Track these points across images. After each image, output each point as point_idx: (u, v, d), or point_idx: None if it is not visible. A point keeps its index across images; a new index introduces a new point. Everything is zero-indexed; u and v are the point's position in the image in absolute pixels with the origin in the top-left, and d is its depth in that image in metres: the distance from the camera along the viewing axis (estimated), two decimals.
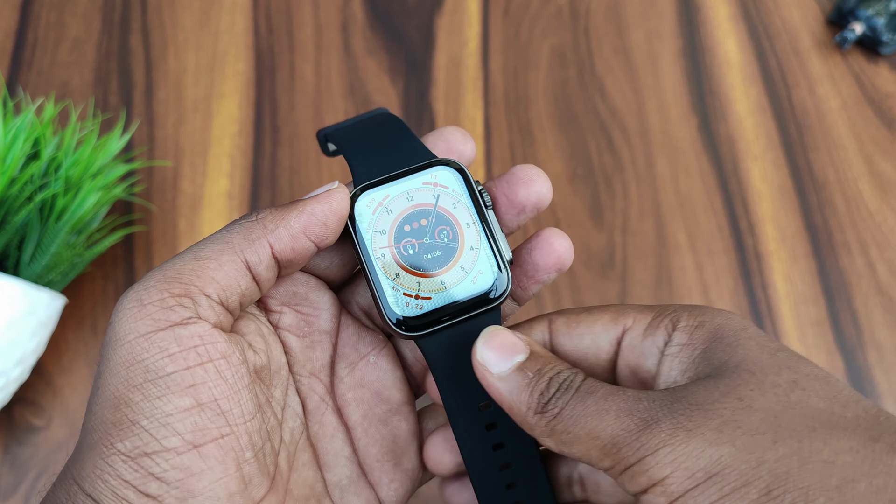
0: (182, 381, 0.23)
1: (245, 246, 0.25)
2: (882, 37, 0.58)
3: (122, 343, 0.23)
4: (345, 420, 0.28)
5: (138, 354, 0.23)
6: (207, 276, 0.24)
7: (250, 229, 0.25)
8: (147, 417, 0.22)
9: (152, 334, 0.23)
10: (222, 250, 0.24)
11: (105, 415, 0.23)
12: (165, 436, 0.22)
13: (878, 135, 0.57)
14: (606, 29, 0.62)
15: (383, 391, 0.29)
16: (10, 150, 0.46)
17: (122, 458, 0.22)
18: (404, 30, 0.62)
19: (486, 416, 0.27)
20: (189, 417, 0.23)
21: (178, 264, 0.24)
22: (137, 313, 0.23)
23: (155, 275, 0.24)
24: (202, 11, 0.63)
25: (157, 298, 0.23)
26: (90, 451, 0.23)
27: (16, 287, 0.45)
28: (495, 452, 0.28)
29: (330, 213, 0.26)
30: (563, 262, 0.28)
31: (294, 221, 0.25)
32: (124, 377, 0.23)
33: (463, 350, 0.27)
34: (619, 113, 0.59)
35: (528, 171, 0.28)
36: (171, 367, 0.23)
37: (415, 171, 0.28)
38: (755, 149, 0.57)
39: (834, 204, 0.55)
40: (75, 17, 0.63)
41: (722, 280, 0.53)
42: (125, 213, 0.56)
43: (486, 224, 0.28)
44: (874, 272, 0.53)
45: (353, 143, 0.29)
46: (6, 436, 0.49)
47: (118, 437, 0.22)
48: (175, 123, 0.59)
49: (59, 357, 0.52)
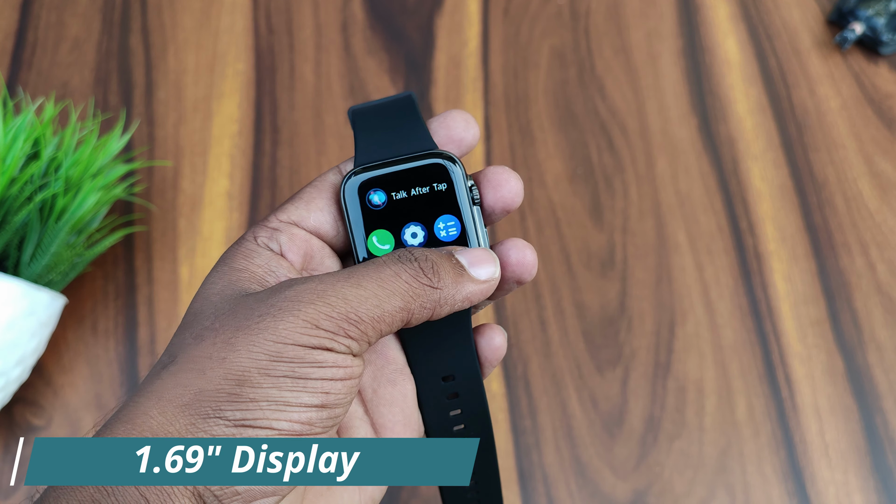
0: (320, 388, 0.24)
1: (417, 311, 0.26)
2: (882, 37, 0.58)
3: (277, 341, 0.24)
4: None
5: (290, 358, 0.24)
6: (379, 330, 0.25)
7: (429, 296, 0.26)
8: (268, 401, 0.23)
9: (313, 350, 0.24)
10: (402, 309, 0.26)
11: (223, 386, 0.23)
12: (278, 419, 0.23)
13: (878, 135, 0.57)
14: (606, 29, 0.62)
15: (387, 352, 0.30)
16: (10, 150, 0.46)
17: (225, 423, 0.23)
18: (404, 30, 0.62)
19: (449, 388, 0.30)
20: (307, 413, 0.24)
21: (363, 306, 0.25)
22: (308, 330, 0.24)
23: (339, 305, 0.25)
24: (202, 11, 0.63)
25: (332, 331, 0.24)
26: (187, 408, 0.23)
27: (16, 287, 0.45)
28: (452, 416, 0.30)
29: (482, 297, 0.27)
30: (522, 275, 0.29)
31: (459, 304, 0.27)
32: (263, 366, 0.24)
33: (433, 331, 0.29)
34: (619, 113, 0.59)
35: (498, 175, 0.29)
36: (316, 375, 0.24)
37: (411, 160, 0.29)
38: (755, 149, 0.57)
39: (834, 204, 0.55)
40: (75, 17, 0.63)
41: (722, 280, 0.53)
42: (125, 213, 0.56)
43: (471, 218, 0.29)
44: (874, 272, 0.53)
45: (365, 124, 0.30)
46: (6, 436, 0.49)
47: (230, 407, 0.23)
48: (175, 123, 0.59)
49: (59, 357, 0.52)
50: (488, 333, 0.30)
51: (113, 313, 0.53)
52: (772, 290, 0.53)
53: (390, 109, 0.30)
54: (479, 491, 0.32)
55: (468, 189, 0.29)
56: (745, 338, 0.51)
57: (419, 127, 0.29)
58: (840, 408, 0.50)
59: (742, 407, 0.50)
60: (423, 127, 0.29)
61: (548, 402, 0.50)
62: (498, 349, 0.30)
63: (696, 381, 0.50)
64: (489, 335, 0.30)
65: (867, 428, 0.49)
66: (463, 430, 0.30)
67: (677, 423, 0.49)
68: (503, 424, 0.50)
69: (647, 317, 0.52)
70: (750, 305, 0.52)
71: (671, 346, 0.51)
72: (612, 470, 0.48)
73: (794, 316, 0.52)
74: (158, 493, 0.23)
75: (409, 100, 0.30)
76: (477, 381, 0.30)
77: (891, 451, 0.48)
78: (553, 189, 0.56)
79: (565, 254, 0.54)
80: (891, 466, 0.48)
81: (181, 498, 0.23)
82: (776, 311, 0.52)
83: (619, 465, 0.49)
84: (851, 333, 0.51)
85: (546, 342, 0.52)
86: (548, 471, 0.48)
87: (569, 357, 0.51)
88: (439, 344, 0.29)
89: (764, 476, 0.48)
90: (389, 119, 0.30)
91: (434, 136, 0.29)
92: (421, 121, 0.29)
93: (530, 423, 0.50)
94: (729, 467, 0.48)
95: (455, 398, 0.30)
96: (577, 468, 0.48)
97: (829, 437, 0.49)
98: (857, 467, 0.48)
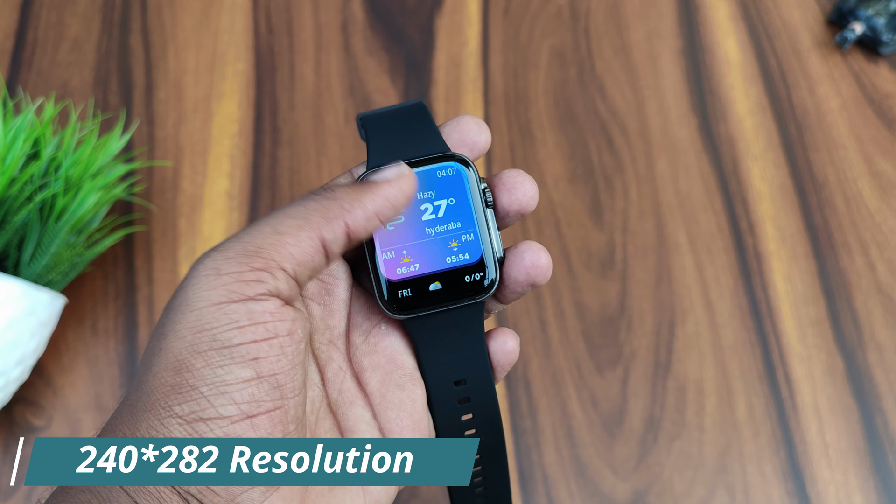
0: (247, 354, 0.24)
1: (323, 224, 0.25)
2: (882, 37, 0.58)
3: (192, 309, 0.24)
4: (363, 386, 0.29)
5: (208, 323, 0.23)
6: (286, 252, 0.25)
7: (328, 207, 0.26)
8: (207, 385, 0.23)
9: (225, 305, 0.24)
10: (301, 227, 0.25)
11: (165, 377, 0.23)
12: (223, 404, 0.23)
13: (878, 135, 0.57)
14: (606, 29, 0.62)
15: (397, 356, 0.29)
16: (10, 150, 0.46)
17: (179, 422, 0.23)
18: (404, 30, 0.62)
19: (460, 392, 0.29)
20: (247, 388, 0.23)
21: (257, 237, 0.25)
22: (213, 282, 0.24)
23: (234, 245, 0.25)
24: (202, 11, 0.63)
25: (235, 270, 0.24)
26: (146, 411, 0.23)
27: (16, 287, 0.45)
28: (463, 421, 0.30)
29: (402, 197, 0.27)
30: (536, 278, 0.29)
31: (369, 203, 0.26)
32: (190, 342, 0.23)
33: (446, 335, 0.29)
34: (619, 113, 0.59)
35: (513, 178, 0.29)
36: (238, 339, 0.23)
37: (425, 163, 0.29)
38: (755, 149, 0.57)
39: (834, 204, 0.55)
40: (75, 17, 0.63)
41: (722, 280, 0.53)
42: (125, 213, 0.56)
43: (485, 220, 0.29)
44: (874, 272, 0.53)
45: (377, 130, 0.30)
46: (6, 436, 0.49)
47: (176, 401, 0.23)
48: (175, 123, 0.59)
49: (59, 357, 0.52)
50: (501, 337, 0.30)
51: (113, 313, 0.53)
52: (772, 290, 0.53)
53: (402, 115, 0.30)
54: (488, 496, 0.31)
55: (481, 192, 0.29)
56: (745, 338, 0.51)
57: (432, 131, 0.29)
58: (840, 408, 0.50)
59: (742, 407, 0.50)
60: (435, 131, 0.29)
61: (548, 402, 0.50)
62: (510, 353, 0.30)
63: (696, 381, 0.50)
64: (502, 339, 0.30)
65: (867, 428, 0.49)
66: (474, 435, 0.30)
67: (677, 423, 0.49)
68: (503, 425, 0.50)
69: (647, 317, 0.52)
70: (750, 305, 0.52)
71: (671, 346, 0.51)
72: (612, 470, 0.48)
73: (794, 316, 0.52)
74: (147, 494, 0.23)
75: (420, 106, 0.30)
76: (489, 385, 0.29)
77: (891, 451, 0.48)
78: (553, 189, 0.56)
79: (565, 254, 0.54)
80: (891, 466, 0.48)
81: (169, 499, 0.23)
82: (776, 311, 0.52)
83: (619, 465, 0.49)
84: (851, 333, 0.51)
85: (546, 342, 0.52)
86: (548, 471, 0.48)
87: (569, 357, 0.51)
88: (452, 348, 0.29)
89: (764, 476, 0.48)
90: (402, 124, 0.30)
91: (446, 139, 0.29)
92: (434, 125, 0.29)
93: (530, 423, 0.50)
94: (729, 467, 0.48)
95: (466, 403, 0.29)
96: (577, 468, 0.48)
97: (829, 437, 0.49)
98: (857, 467, 0.48)
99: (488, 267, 0.29)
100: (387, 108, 0.31)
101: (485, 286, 0.29)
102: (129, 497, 0.23)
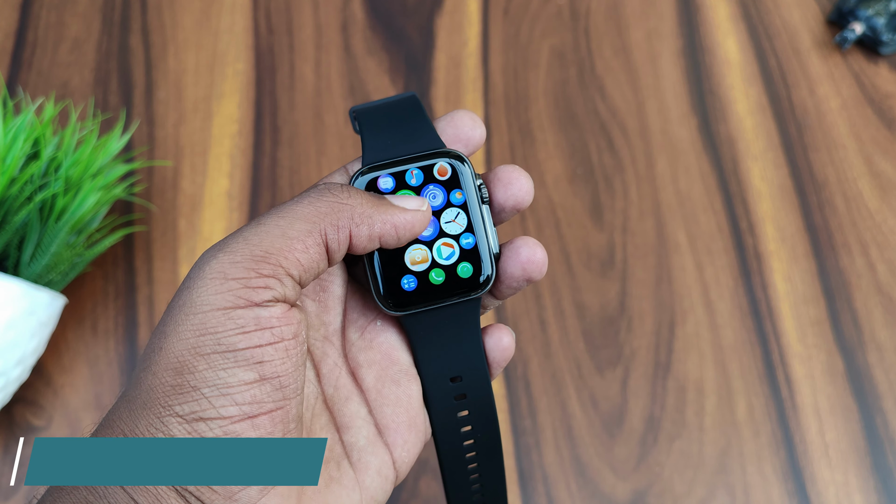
0: (251, 357, 0.23)
1: (331, 231, 0.25)
2: (882, 37, 0.58)
3: (196, 312, 0.24)
4: (359, 382, 0.29)
5: (213, 327, 0.23)
6: (293, 258, 0.25)
7: (339, 213, 0.26)
8: (209, 386, 0.23)
9: (231, 310, 0.23)
10: (310, 232, 0.25)
11: (166, 378, 0.23)
12: (224, 405, 0.23)
13: (878, 135, 0.57)
14: (606, 29, 0.62)
15: (392, 352, 0.29)
16: (10, 150, 0.46)
17: (178, 420, 0.23)
18: (404, 30, 0.62)
19: (456, 388, 0.29)
20: (249, 390, 0.23)
21: (265, 239, 0.25)
22: (219, 286, 0.24)
23: (241, 248, 0.24)
24: (202, 11, 0.63)
25: (243, 276, 0.24)
26: (145, 409, 0.23)
27: (16, 287, 0.45)
28: (459, 417, 0.30)
29: (409, 230, 0.27)
30: (532, 273, 0.29)
31: (378, 225, 0.26)
32: (192, 345, 0.23)
33: (442, 331, 0.29)
34: (619, 113, 0.59)
35: (508, 173, 0.29)
36: (243, 344, 0.23)
37: (420, 159, 0.29)
38: (755, 149, 0.57)
39: (834, 204, 0.55)
40: (75, 17, 0.63)
41: (722, 280, 0.53)
42: (125, 213, 0.56)
43: (480, 216, 0.29)
44: (874, 272, 0.53)
45: (371, 123, 0.30)
46: (6, 436, 0.49)
47: (177, 401, 0.23)
48: (175, 123, 0.59)
49: (59, 357, 0.52)
50: (497, 334, 0.30)
51: (113, 313, 0.53)
52: (772, 290, 0.53)
53: (396, 109, 0.30)
54: (485, 493, 0.32)
55: (477, 187, 0.29)
56: (745, 338, 0.51)
57: (426, 126, 0.29)
58: (840, 408, 0.50)
59: (742, 407, 0.50)
60: (429, 126, 0.29)
61: (548, 402, 0.50)
62: (506, 349, 0.30)
63: (696, 381, 0.50)
64: (497, 335, 0.30)
65: (867, 428, 0.49)
66: (470, 432, 0.30)
67: (677, 423, 0.49)
68: (503, 424, 0.50)
69: (647, 317, 0.52)
70: (750, 305, 0.52)
71: (671, 345, 0.51)
72: (612, 470, 0.48)
73: (794, 316, 0.52)
74: (146, 493, 0.23)
75: (413, 99, 0.30)
76: (485, 382, 0.29)
77: (891, 451, 0.48)
78: (553, 189, 0.56)
79: (565, 254, 0.54)
80: (891, 466, 0.48)
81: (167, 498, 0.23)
82: (776, 311, 0.52)
83: (619, 465, 0.49)
84: (851, 333, 0.51)
85: (546, 342, 0.52)
86: (548, 471, 0.48)
87: (569, 357, 0.51)
88: (448, 344, 0.29)
89: (764, 476, 0.48)
90: (396, 118, 0.30)
91: (441, 135, 0.29)
92: (428, 120, 0.29)
93: (530, 423, 0.50)
94: (729, 467, 0.48)
95: (463, 399, 0.30)
96: (577, 468, 0.48)
97: (829, 437, 0.49)
98: (857, 467, 0.48)
99: (484, 263, 0.29)
100: (380, 102, 0.30)
101: (480, 282, 0.29)
102: (127, 495, 0.23)
